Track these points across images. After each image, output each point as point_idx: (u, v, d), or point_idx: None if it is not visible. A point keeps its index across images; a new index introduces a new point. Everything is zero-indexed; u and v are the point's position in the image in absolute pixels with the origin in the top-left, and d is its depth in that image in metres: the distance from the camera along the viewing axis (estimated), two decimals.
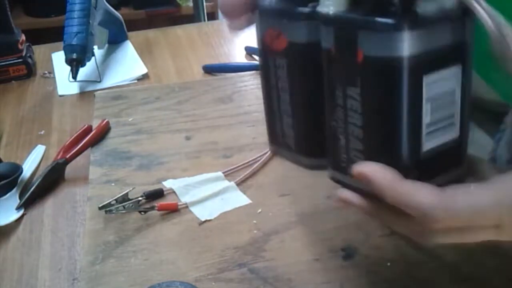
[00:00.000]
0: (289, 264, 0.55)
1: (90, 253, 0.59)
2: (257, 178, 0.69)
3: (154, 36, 1.18)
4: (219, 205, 0.65)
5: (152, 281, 0.54)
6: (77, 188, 0.72)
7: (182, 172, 0.70)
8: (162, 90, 0.90)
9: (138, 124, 0.81)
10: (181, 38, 1.16)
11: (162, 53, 1.10)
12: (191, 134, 0.78)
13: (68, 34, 0.94)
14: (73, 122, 0.87)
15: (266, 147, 0.73)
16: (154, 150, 0.75)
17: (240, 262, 0.56)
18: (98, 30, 1.01)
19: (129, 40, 1.14)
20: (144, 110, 0.85)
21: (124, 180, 0.70)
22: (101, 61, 1.06)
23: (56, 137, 0.84)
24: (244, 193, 0.66)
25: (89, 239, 0.61)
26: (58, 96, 0.96)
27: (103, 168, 0.72)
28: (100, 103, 0.88)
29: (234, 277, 0.55)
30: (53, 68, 1.05)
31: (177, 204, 0.64)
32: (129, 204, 0.63)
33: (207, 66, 1.02)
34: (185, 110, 0.84)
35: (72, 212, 0.68)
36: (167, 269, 0.56)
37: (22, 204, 0.69)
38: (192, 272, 0.56)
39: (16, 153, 0.80)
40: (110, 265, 0.57)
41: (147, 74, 1.01)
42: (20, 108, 0.93)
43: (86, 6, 0.97)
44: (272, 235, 0.60)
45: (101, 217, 0.63)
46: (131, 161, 0.73)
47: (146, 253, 0.59)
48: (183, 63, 1.06)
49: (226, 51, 1.10)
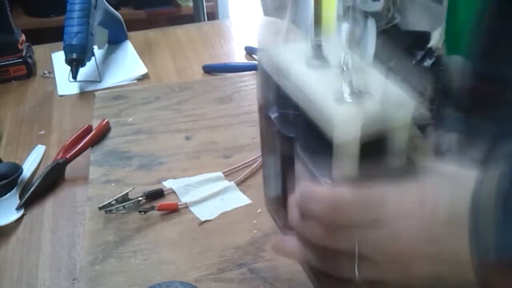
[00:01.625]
0: (289, 264, 0.55)
1: (90, 253, 0.59)
2: (257, 178, 0.69)
3: (154, 36, 1.17)
4: (219, 205, 0.65)
5: (152, 281, 0.54)
6: (77, 188, 0.72)
7: (182, 172, 0.70)
8: (162, 90, 0.90)
9: (138, 124, 0.81)
10: (181, 38, 1.16)
11: (162, 53, 1.10)
12: (191, 134, 0.78)
13: (68, 34, 0.94)
14: (73, 122, 0.87)
15: None
16: (154, 150, 0.75)
17: (240, 262, 0.57)
18: (98, 30, 1.01)
19: (129, 40, 1.14)
20: (144, 110, 0.85)
21: (124, 180, 0.70)
22: (101, 61, 1.06)
23: (56, 137, 0.83)
24: (244, 193, 0.66)
25: (89, 239, 0.61)
26: (58, 96, 0.96)
27: (103, 168, 0.72)
28: (100, 103, 0.88)
29: (234, 277, 0.55)
30: (53, 68, 1.05)
31: (177, 204, 0.64)
32: (129, 204, 0.63)
33: (207, 66, 1.02)
34: (185, 110, 0.84)
35: (72, 212, 0.68)
36: (167, 269, 0.56)
37: (22, 204, 0.69)
38: (192, 272, 0.56)
39: (16, 153, 0.80)
40: (110, 265, 0.57)
41: (147, 74, 1.01)
42: (20, 108, 0.93)
43: (86, 6, 0.97)
44: (272, 235, 0.60)
45: (101, 217, 0.63)
46: (131, 161, 0.73)
47: (146, 253, 0.59)
48: (183, 63, 1.06)
49: (226, 51, 1.10)
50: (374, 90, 0.45)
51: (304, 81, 0.47)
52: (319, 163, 0.46)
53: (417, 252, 0.40)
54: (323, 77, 0.47)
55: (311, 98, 0.45)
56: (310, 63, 0.49)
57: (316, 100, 0.45)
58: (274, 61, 0.51)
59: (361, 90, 0.44)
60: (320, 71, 0.48)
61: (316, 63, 0.49)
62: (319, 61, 0.49)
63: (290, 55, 0.51)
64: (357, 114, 0.43)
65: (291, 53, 0.51)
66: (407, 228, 0.41)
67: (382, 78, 0.46)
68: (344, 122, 0.42)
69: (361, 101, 0.44)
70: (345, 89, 0.44)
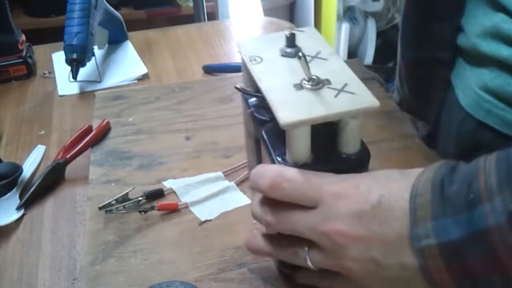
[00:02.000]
0: None
1: (90, 253, 0.59)
2: None
3: (154, 36, 1.18)
4: (219, 205, 0.65)
5: (152, 281, 0.54)
6: (77, 188, 0.72)
7: (182, 172, 0.70)
8: (162, 90, 0.90)
9: (138, 124, 0.81)
10: (181, 38, 1.16)
11: (162, 53, 1.10)
12: (191, 134, 0.78)
13: (68, 34, 0.94)
14: (73, 122, 0.87)
15: None
16: (154, 150, 0.75)
17: (240, 262, 0.57)
18: (98, 30, 1.01)
19: (129, 40, 1.14)
20: (144, 110, 0.85)
21: (124, 180, 0.70)
22: (101, 61, 1.06)
23: (56, 137, 0.84)
24: (244, 193, 0.66)
25: (89, 239, 0.61)
26: (58, 96, 0.96)
27: (103, 168, 0.72)
28: (100, 103, 0.88)
29: (234, 277, 0.55)
30: (53, 68, 1.05)
31: (177, 204, 0.64)
32: (129, 204, 0.63)
33: (207, 66, 1.02)
34: (185, 110, 0.84)
35: (72, 212, 0.68)
36: (167, 269, 0.56)
37: (22, 204, 0.69)
38: (192, 272, 0.56)
39: (16, 153, 0.80)
40: (110, 265, 0.57)
41: (147, 74, 1.01)
42: (20, 108, 0.93)
43: (86, 6, 0.96)
44: None
45: (101, 217, 0.63)
46: (131, 161, 0.73)
47: (146, 253, 0.59)
48: (183, 63, 1.06)
49: (226, 51, 1.10)
50: (333, 78, 0.46)
51: (270, 67, 0.50)
52: (276, 145, 0.48)
53: (350, 232, 0.41)
54: (291, 64, 0.50)
55: (269, 84, 0.48)
56: (283, 50, 0.51)
57: (274, 85, 0.47)
58: (250, 48, 0.53)
59: (319, 77, 0.46)
60: (291, 59, 0.50)
61: (288, 51, 0.51)
62: (291, 49, 0.51)
63: (266, 43, 0.53)
64: (306, 100, 0.45)
65: (268, 41, 0.54)
66: (340, 207, 0.42)
67: (345, 67, 0.48)
68: (290, 106, 0.44)
69: (317, 87, 0.46)
70: (303, 75, 0.46)
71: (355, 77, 0.47)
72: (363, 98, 0.44)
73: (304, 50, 0.50)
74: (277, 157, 0.47)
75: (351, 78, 0.47)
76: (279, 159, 0.47)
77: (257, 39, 0.55)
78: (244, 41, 0.55)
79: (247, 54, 0.52)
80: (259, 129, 0.52)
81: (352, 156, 0.47)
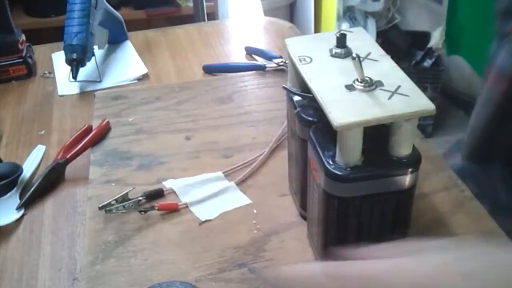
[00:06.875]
0: (290, 264, 0.55)
1: (90, 253, 0.59)
2: (257, 178, 0.69)
3: (154, 36, 1.17)
4: (219, 205, 0.65)
5: (152, 281, 0.54)
6: (77, 188, 0.72)
7: (182, 172, 0.71)
8: (162, 90, 0.90)
9: (138, 124, 0.81)
10: (181, 38, 1.16)
11: (162, 53, 1.10)
12: (191, 134, 0.78)
13: (68, 34, 0.94)
14: (73, 122, 0.87)
15: (266, 147, 0.73)
16: (154, 150, 0.75)
17: (240, 262, 0.57)
18: (98, 30, 1.01)
19: (129, 40, 1.14)
20: (144, 110, 0.85)
21: (124, 180, 0.70)
22: (101, 61, 1.06)
23: (56, 137, 0.83)
24: (244, 193, 0.66)
25: (89, 239, 0.61)
26: (58, 96, 0.96)
27: (103, 168, 0.72)
28: (100, 103, 0.88)
29: (234, 277, 0.55)
30: (53, 68, 1.05)
31: (177, 204, 0.64)
32: (129, 204, 0.63)
33: (207, 66, 1.02)
34: (185, 110, 0.84)
35: (72, 212, 0.68)
36: (167, 269, 0.56)
37: (22, 204, 0.69)
38: (192, 272, 0.56)
39: (16, 153, 0.80)
40: (110, 265, 0.57)
41: (147, 74, 1.01)
42: (20, 108, 0.93)
43: (86, 6, 0.96)
44: (272, 235, 0.60)
45: (101, 217, 0.63)
46: (131, 161, 0.73)
47: (146, 253, 0.59)
48: (183, 63, 1.06)
49: (226, 51, 1.10)
50: (385, 79, 0.46)
51: (320, 68, 0.49)
52: (325, 146, 0.47)
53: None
54: (342, 64, 0.49)
55: (320, 84, 0.47)
56: (332, 51, 0.51)
57: (326, 86, 0.46)
58: (299, 48, 0.53)
59: (372, 79, 0.45)
60: (341, 59, 0.50)
61: (338, 52, 0.51)
62: (341, 50, 0.50)
63: (315, 43, 0.53)
64: (360, 102, 0.44)
65: (317, 41, 0.53)
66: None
67: (397, 69, 0.48)
68: (343, 107, 0.43)
69: (370, 89, 0.45)
70: (356, 77, 0.46)
71: (407, 79, 0.46)
72: (417, 101, 0.44)
73: (354, 51, 0.50)
74: (327, 159, 0.46)
75: (403, 80, 0.46)
76: (329, 161, 0.46)
77: (305, 39, 0.54)
78: (292, 40, 0.54)
79: (296, 54, 0.52)
80: (305, 130, 0.51)
81: (403, 160, 0.46)
